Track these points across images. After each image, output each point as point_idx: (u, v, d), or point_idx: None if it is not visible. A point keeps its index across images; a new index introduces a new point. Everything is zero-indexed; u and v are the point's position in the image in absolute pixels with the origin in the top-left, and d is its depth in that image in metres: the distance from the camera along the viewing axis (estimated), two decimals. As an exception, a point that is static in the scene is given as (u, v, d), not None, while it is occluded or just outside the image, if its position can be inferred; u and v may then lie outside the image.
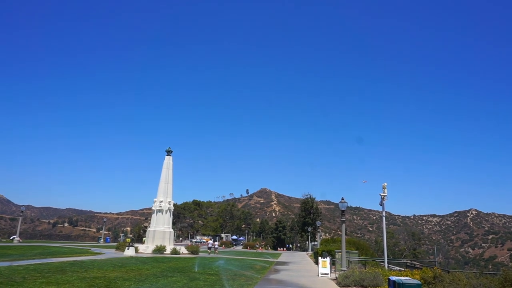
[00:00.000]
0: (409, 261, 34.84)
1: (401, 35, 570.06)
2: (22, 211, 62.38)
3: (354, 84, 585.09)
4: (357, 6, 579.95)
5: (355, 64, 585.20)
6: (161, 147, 69.91)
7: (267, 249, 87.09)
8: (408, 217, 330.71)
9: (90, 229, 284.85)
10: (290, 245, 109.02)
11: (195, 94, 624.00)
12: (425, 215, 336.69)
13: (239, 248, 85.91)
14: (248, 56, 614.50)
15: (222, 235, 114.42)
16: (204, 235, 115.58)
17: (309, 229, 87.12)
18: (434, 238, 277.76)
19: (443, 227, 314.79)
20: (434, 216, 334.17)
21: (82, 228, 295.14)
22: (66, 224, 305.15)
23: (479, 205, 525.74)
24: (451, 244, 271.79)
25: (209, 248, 51.06)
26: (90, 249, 40.86)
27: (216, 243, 55.49)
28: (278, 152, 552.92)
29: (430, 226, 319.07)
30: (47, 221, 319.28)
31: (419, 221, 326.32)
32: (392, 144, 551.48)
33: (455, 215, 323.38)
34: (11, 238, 57.44)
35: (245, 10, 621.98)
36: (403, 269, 25.65)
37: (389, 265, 28.79)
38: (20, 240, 52.58)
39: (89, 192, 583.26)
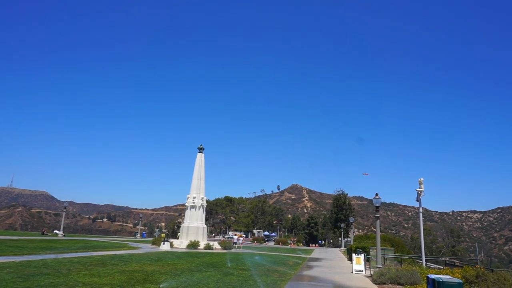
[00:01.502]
0: (448, 259, 33.54)
1: (401, 35, 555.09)
2: (65, 207, 65.69)
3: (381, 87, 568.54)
4: (357, 6, 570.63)
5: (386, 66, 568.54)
6: (193, 143, 71.33)
7: (299, 245, 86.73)
8: (446, 213, 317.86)
9: (127, 224, 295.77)
10: (323, 242, 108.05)
11: (227, 90, 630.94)
12: (465, 211, 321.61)
13: (271, 244, 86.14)
14: (283, 53, 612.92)
15: (254, 231, 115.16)
16: (236, 231, 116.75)
17: (342, 225, 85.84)
18: (474, 235, 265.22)
19: (485, 223, 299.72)
20: (474, 212, 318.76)
21: (119, 223, 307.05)
22: (105, 220, 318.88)
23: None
24: (493, 241, 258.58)
25: (234, 243, 51.91)
26: (127, 244, 42.44)
27: (241, 238, 58.30)
28: (310, 149, 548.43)
29: (471, 223, 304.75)
30: (87, 216, 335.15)
31: (458, 218, 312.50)
32: (429, 137, 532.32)
33: (498, 211, 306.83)
34: (54, 232, 60.79)
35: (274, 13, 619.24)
36: (442, 267, 24.76)
37: (427, 263, 27.84)
38: (64, 234, 55.49)
39: (126, 188, 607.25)
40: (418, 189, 23.30)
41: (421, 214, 24.88)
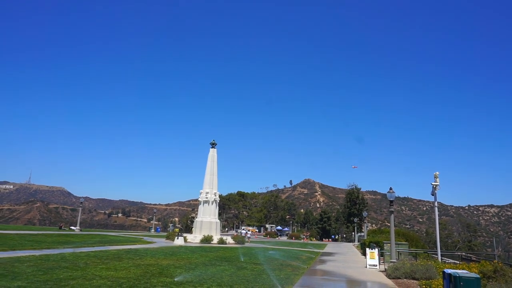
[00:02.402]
0: (464, 254, 32.95)
1: (402, 34, 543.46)
2: (81, 202, 67.05)
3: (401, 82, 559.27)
4: (358, 6, 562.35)
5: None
6: (206, 138, 71.78)
7: (312, 240, 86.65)
8: (462, 207, 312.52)
9: (142, 219, 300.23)
10: (336, 236, 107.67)
11: (239, 86, 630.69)
12: (482, 206, 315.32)
13: (284, 238, 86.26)
14: (299, 50, 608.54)
15: (267, 225, 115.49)
16: (249, 225, 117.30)
17: (355, 220, 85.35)
18: (492, 230, 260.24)
19: (503, 218, 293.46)
20: (492, 206, 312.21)
21: (134, 218, 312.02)
22: (119, 215, 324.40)
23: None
24: (511, 236, 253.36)
25: (243, 237, 52.19)
26: (142, 238, 43.09)
27: (249, 232, 59.74)
28: (323, 144, 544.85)
29: (488, 217, 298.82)
30: (103, 211, 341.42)
31: (475, 212, 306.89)
32: (445, 130, 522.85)
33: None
34: (71, 227, 62.12)
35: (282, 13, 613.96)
36: (458, 262, 24.37)
37: (443, 258, 27.45)
38: (80, 229, 56.67)
39: (140, 184, 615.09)
40: (433, 183, 22.92)
41: (436, 209, 24.50)
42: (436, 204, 24.30)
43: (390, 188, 24.23)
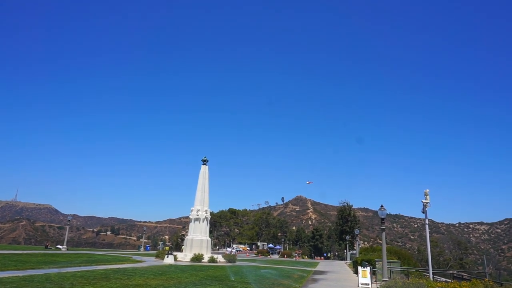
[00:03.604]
0: (456, 272, 32.95)
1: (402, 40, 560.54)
2: (69, 220, 65.77)
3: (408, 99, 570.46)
4: (358, 11, 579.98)
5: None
6: (197, 155, 71.81)
7: (304, 258, 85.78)
8: (453, 224, 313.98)
9: (131, 237, 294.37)
10: (328, 254, 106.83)
11: (229, 100, 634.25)
12: (472, 223, 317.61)
13: (276, 256, 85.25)
14: (292, 64, 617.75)
15: (259, 243, 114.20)
16: (240, 243, 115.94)
17: (347, 237, 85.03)
18: (482, 247, 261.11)
19: (493, 235, 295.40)
20: (482, 223, 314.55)
21: (123, 236, 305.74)
22: (108, 233, 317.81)
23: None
24: (502, 254, 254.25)
25: (234, 255, 51.39)
26: (131, 257, 42.15)
27: (234, 250, 60.41)
28: (314, 161, 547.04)
29: (478, 235, 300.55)
30: (91, 229, 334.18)
31: (465, 229, 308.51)
32: (435, 148, 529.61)
33: (505, 222, 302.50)
34: (57, 246, 60.51)
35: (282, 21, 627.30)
36: (449, 281, 24.29)
37: (434, 276, 27.35)
38: (67, 248, 55.25)
39: (130, 201, 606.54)
40: (423, 201, 23.06)
41: (427, 226, 24.57)
42: (427, 221, 24.38)
43: (381, 206, 24.28)
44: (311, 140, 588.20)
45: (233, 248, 68.26)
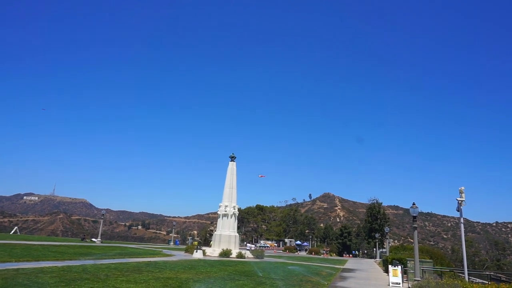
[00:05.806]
0: (493, 273, 31.48)
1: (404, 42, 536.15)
2: (102, 214, 68.26)
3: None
4: (359, 12, 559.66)
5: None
6: (226, 151, 72.50)
7: (332, 255, 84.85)
8: (489, 224, 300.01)
9: (161, 232, 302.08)
10: (356, 252, 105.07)
11: (258, 98, 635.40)
12: (510, 222, 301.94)
13: (303, 253, 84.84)
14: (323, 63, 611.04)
15: (286, 240, 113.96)
16: (267, 239, 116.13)
17: (376, 235, 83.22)
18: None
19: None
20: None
21: (153, 230, 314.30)
22: (139, 227, 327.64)
23: None
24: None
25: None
26: (162, 251, 43.28)
27: (253, 246, 61.33)
28: (343, 158, 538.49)
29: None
30: (123, 223, 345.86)
31: (503, 229, 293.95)
32: (471, 145, 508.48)
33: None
34: (92, 239, 63.09)
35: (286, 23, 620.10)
36: (486, 282, 23.29)
37: (470, 277, 26.28)
38: (101, 241, 57.45)
39: (160, 197, 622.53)
40: (458, 199, 22.17)
41: (462, 225, 23.62)
42: (462, 220, 23.43)
43: (413, 203, 23.60)
44: (340, 137, 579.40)
45: (255, 244, 68.89)
